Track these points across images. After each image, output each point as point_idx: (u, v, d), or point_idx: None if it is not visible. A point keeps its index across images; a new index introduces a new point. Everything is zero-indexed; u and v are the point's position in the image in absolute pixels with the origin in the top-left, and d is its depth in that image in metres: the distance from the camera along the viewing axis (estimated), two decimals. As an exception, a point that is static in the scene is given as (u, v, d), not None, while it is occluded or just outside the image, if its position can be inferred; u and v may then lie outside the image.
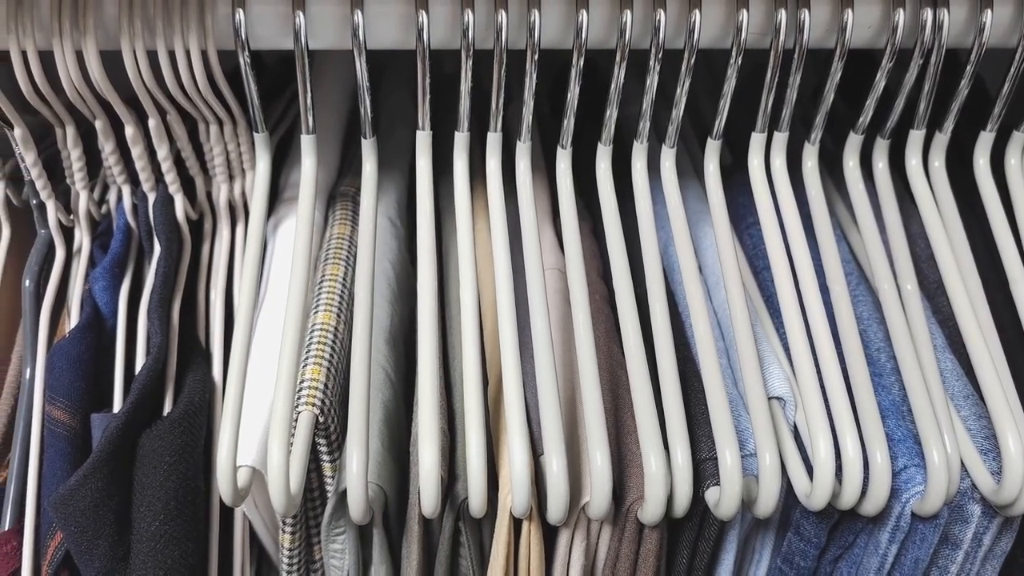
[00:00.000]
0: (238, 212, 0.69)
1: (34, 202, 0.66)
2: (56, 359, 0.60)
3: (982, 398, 0.57)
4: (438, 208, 0.69)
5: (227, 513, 0.63)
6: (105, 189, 0.69)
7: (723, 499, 0.52)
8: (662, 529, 0.55)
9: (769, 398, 0.57)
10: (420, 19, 0.54)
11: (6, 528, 0.59)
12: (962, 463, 0.55)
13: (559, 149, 0.62)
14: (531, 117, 0.60)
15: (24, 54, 0.55)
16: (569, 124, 0.60)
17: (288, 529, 0.60)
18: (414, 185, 0.77)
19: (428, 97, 0.58)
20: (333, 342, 0.59)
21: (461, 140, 0.61)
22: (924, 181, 0.64)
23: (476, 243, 0.61)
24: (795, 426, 0.58)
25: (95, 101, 0.59)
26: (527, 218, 0.60)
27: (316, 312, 0.61)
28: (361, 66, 0.56)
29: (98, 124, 0.61)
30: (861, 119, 0.63)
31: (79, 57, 0.55)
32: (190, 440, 0.58)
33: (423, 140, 0.61)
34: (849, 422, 0.54)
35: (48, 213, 0.66)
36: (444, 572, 0.56)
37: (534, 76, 0.57)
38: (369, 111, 0.59)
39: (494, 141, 0.61)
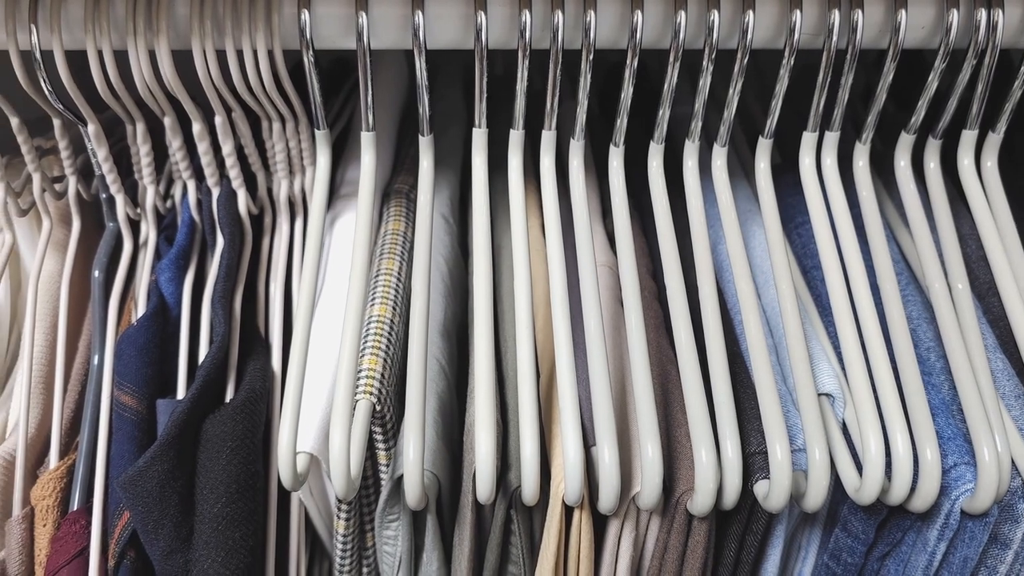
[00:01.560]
0: (297, 207, 0.71)
1: (104, 196, 0.68)
2: (124, 346, 0.62)
3: (1033, 398, 0.57)
4: (490, 204, 0.71)
5: (283, 499, 0.65)
6: (169, 184, 0.72)
7: (772, 492, 0.52)
8: (710, 522, 0.56)
9: (818, 394, 0.58)
10: (479, 19, 0.56)
11: (75, 508, 0.62)
12: (1012, 462, 0.55)
13: (611, 147, 0.63)
14: (585, 116, 0.61)
15: (100, 53, 0.57)
16: (622, 123, 0.61)
17: (343, 515, 0.62)
18: (465, 183, 0.79)
19: (486, 95, 0.59)
20: (389, 334, 0.61)
21: (516, 138, 0.62)
22: (976, 181, 0.64)
23: (529, 239, 0.62)
24: (843, 423, 0.58)
25: (165, 99, 0.61)
26: (580, 215, 0.61)
27: (372, 304, 0.62)
28: (421, 66, 0.57)
29: (167, 121, 0.63)
30: (913, 119, 0.63)
31: (151, 56, 0.58)
32: (251, 426, 0.60)
33: (479, 137, 0.62)
34: (899, 419, 0.54)
35: (117, 207, 0.68)
36: (495, 559, 0.57)
37: (588, 76, 0.58)
38: (427, 109, 0.60)
39: (548, 140, 0.62)
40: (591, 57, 0.57)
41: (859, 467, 0.54)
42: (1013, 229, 0.63)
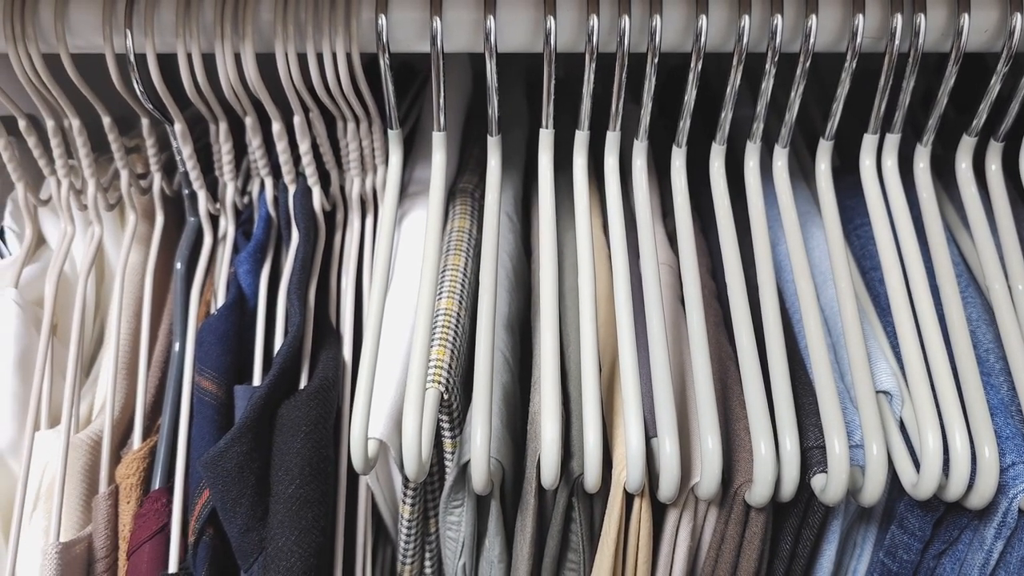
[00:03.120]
0: (368, 204, 0.73)
1: (186, 192, 0.72)
2: (205, 334, 0.66)
3: (1094, 400, 0.58)
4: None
5: (352, 484, 0.68)
6: (247, 180, 0.75)
7: (830, 485, 0.54)
8: (767, 514, 0.57)
9: (876, 392, 0.58)
10: (548, 24, 0.58)
11: (157, 487, 0.65)
12: (1072, 462, 0.56)
13: (674, 148, 0.65)
14: (648, 118, 0.63)
15: (189, 56, 0.60)
16: (685, 124, 0.63)
17: (408, 501, 0.64)
18: (527, 183, 0.81)
19: (553, 97, 0.61)
20: (455, 326, 0.63)
21: (581, 139, 0.64)
22: (1038, 184, 0.65)
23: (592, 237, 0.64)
24: (901, 421, 0.59)
25: (247, 99, 0.64)
26: (643, 214, 0.63)
27: (440, 299, 0.65)
28: (491, 68, 0.59)
29: (248, 120, 0.67)
30: (975, 122, 0.63)
31: (237, 59, 0.61)
32: (324, 412, 0.62)
33: (546, 138, 0.64)
34: (958, 416, 0.55)
35: (199, 202, 0.72)
36: (556, 544, 0.59)
37: (653, 78, 0.60)
38: (496, 111, 0.63)
39: (613, 140, 0.64)
40: (656, 60, 0.59)
41: (916, 464, 0.55)
42: (1075, 232, 0.63)
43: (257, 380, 0.67)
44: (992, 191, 0.65)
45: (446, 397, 0.59)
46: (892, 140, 0.65)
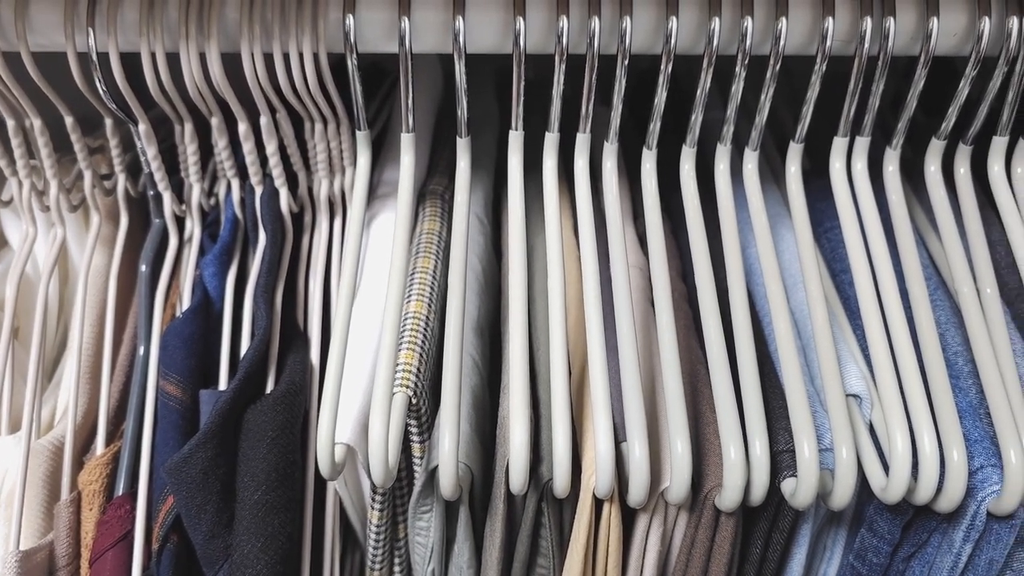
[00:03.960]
0: (336, 206, 0.73)
1: (151, 193, 0.71)
2: (170, 338, 0.65)
3: (1061, 402, 0.58)
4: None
5: (319, 489, 0.67)
6: (213, 182, 0.74)
7: (800, 489, 0.53)
8: (737, 518, 0.57)
9: (846, 395, 0.58)
10: (517, 25, 0.57)
11: (120, 493, 0.64)
12: (1039, 465, 0.56)
13: (644, 150, 0.65)
14: (618, 120, 0.63)
15: (153, 56, 0.59)
16: (655, 127, 0.63)
17: (377, 506, 0.63)
18: (497, 185, 0.81)
19: (522, 99, 0.61)
20: (424, 330, 0.62)
21: (551, 140, 0.64)
22: (1007, 187, 0.65)
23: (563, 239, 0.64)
24: (870, 424, 0.59)
25: (213, 99, 0.63)
26: (613, 216, 0.63)
27: (408, 301, 0.64)
28: (460, 70, 0.59)
29: (214, 121, 0.66)
30: (944, 125, 0.64)
31: (202, 59, 0.60)
32: (291, 417, 0.62)
33: (515, 140, 0.64)
34: (926, 420, 0.55)
35: (164, 204, 0.71)
36: (525, 550, 0.59)
37: (623, 81, 0.60)
38: (466, 112, 0.62)
39: (583, 142, 0.64)
40: (626, 62, 0.58)
41: (886, 467, 0.55)
42: (1043, 235, 0.63)
43: (223, 384, 0.66)
44: (960, 194, 0.65)
45: (414, 401, 0.59)
46: (862, 143, 0.65)
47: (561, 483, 0.54)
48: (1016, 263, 0.63)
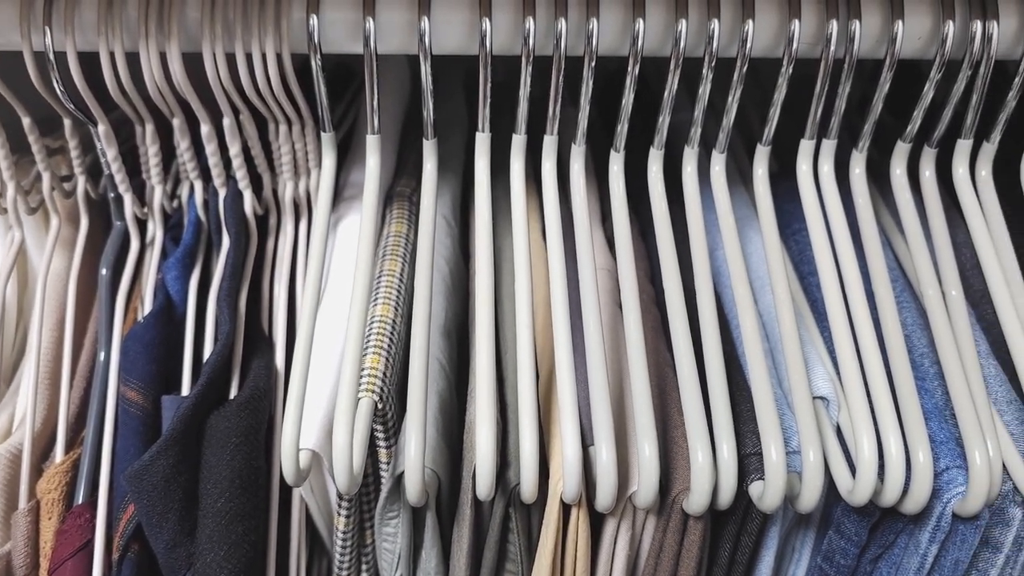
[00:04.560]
0: (301, 208, 0.72)
1: (111, 195, 0.70)
2: (130, 343, 0.63)
3: (1025, 404, 0.58)
4: (492, 207, 0.72)
5: (285, 495, 0.66)
6: (176, 184, 0.73)
7: (767, 493, 0.53)
8: (706, 521, 0.57)
9: (813, 398, 0.58)
10: (484, 26, 0.57)
11: (80, 502, 0.63)
12: (1004, 466, 0.56)
13: (612, 153, 0.64)
14: (586, 122, 0.62)
15: (112, 55, 0.58)
16: (623, 129, 0.62)
17: (343, 512, 0.63)
18: (466, 187, 0.80)
19: (489, 100, 0.60)
20: (391, 333, 0.62)
21: (518, 142, 0.64)
22: (971, 190, 0.65)
23: (530, 242, 0.63)
24: (838, 426, 0.59)
25: (174, 100, 0.62)
26: (580, 219, 0.63)
27: (375, 305, 0.63)
28: (426, 71, 0.58)
29: (176, 122, 0.65)
30: (909, 128, 0.64)
31: (162, 59, 0.59)
32: (255, 423, 0.61)
33: (482, 142, 0.63)
34: (892, 422, 0.55)
35: (125, 206, 0.69)
36: (493, 556, 0.58)
37: (590, 82, 0.59)
38: (432, 114, 0.61)
39: (550, 144, 0.63)
40: (593, 64, 0.58)
41: (853, 469, 0.55)
42: (1007, 237, 0.64)
43: (186, 390, 0.64)
44: (926, 197, 0.66)
45: (380, 406, 0.58)
46: (828, 145, 0.65)
47: (528, 488, 0.53)
48: (981, 265, 0.63)
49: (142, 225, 0.72)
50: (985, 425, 0.55)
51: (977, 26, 0.58)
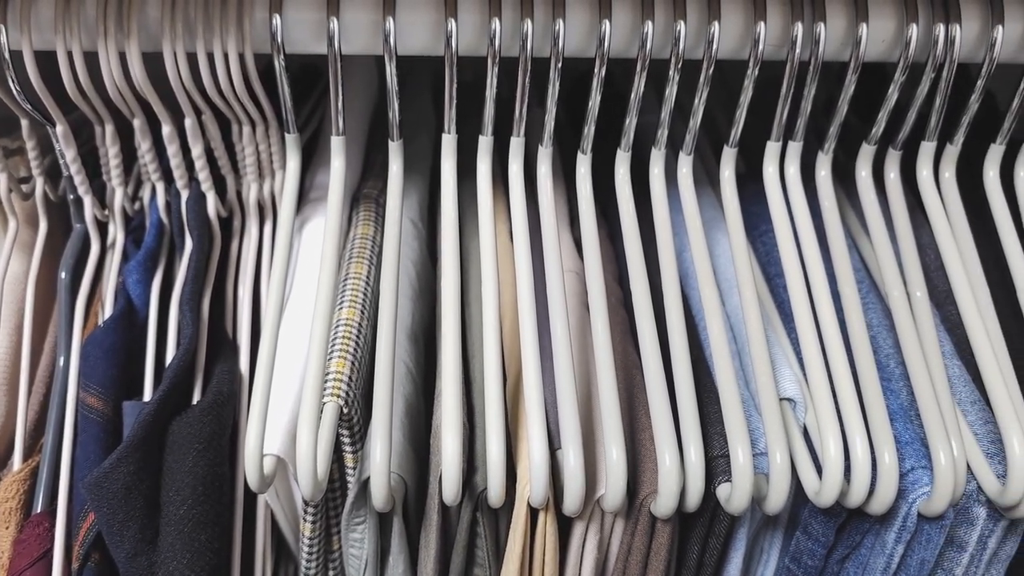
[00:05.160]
0: (266, 211, 0.71)
1: (71, 197, 0.68)
2: (90, 348, 0.62)
3: (988, 404, 0.59)
4: (459, 209, 0.71)
5: (250, 501, 0.65)
6: (138, 186, 0.71)
7: (734, 494, 0.53)
8: (674, 524, 0.57)
9: (780, 399, 0.59)
10: (449, 26, 0.56)
11: (39, 510, 0.61)
12: (968, 466, 0.57)
13: (579, 155, 0.64)
14: (553, 123, 0.62)
15: (70, 54, 0.57)
16: (590, 130, 0.62)
17: (309, 518, 0.62)
18: (434, 189, 0.79)
19: (455, 102, 0.60)
20: (357, 337, 0.61)
21: (484, 144, 0.63)
22: (935, 192, 0.66)
23: (497, 244, 0.63)
24: (804, 428, 0.60)
25: (135, 100, 0.61)
26: (547, 221, 0.62)
27: (341, 308, 0.63)
28: (391, 71, 0.58)
29: (136, 123, 0.63)
30: (874, 130, 0.64)
31: (122, 58, 0.58)
32: (218, 428, 0.60)
33: (448, 143, 0.63)
34: (858, 423, 0.55)
35: (85, 208, 0.68)
36: (461, 561, 0.58)
37: (557, 84, 0.59)
38: (397, 115, 0.61)
39: (517, 146, 0.63)
40: (559, 65, 0.58)
41: (819, 470, 0.55)
42: (970, 239, 0.64)
43: (148, 396, 0.63)
44: (891, 199, 0.66)
45: (346, 411, 0.57)
46: (794, 147, 0.65)
47: (495, 493, 0.53)
48: (945, 266, 0.64)
49: (103, 228, 0.70)
50: (949, 425, 0.56)
51: (940, 29, 0.58)
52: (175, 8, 0.57)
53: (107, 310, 0.66)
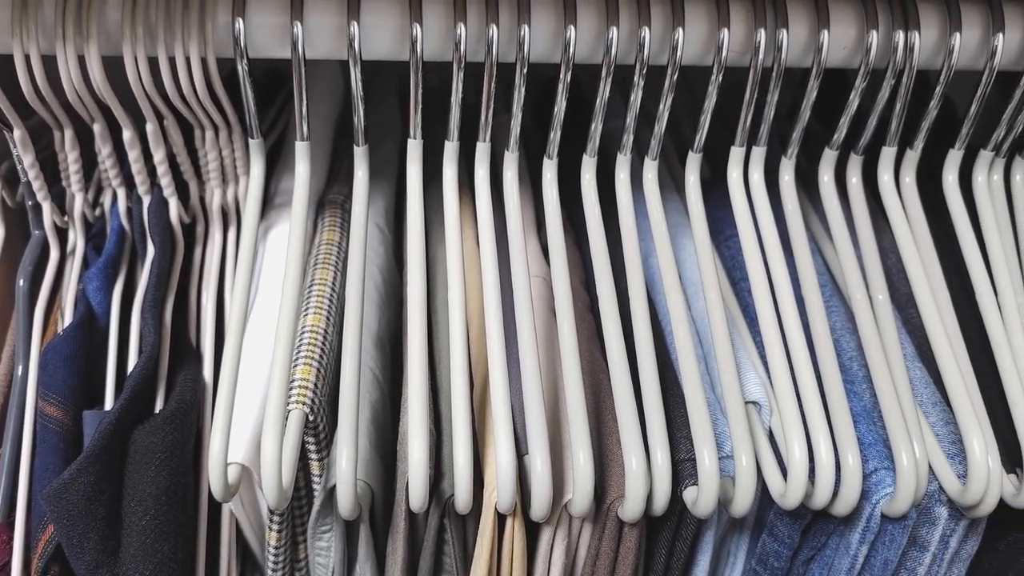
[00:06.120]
0: (230, 216, 0.70)
1: (30, 203, 0.67)
2: (50, 357, 0.61)
3: (949, 405, 0.60)
4: (425, 215, 0.71)
5: (214, 511, 0.64)
6: (99, 192, 0.70)
7: (700, 498, 0.54)
8: (641, 528, 0.57)
9: (745, 402, 0.59)
10: (414, 31, 0.56)
11: (-3, 522, 0.60)
12: (929, 466, 0.57)
13: (545, 160, 0.64)
14: (519, 129, 0.62)
15: (27, 58, 0.56)
16: (555, 136, 0.62)
17: (275, 527, 0.61)
18: (400, 194, 0.79)
19: (420, 107, 0.60)
20: (323, 344, 0.61)
21: (450, 149, 0.63)
22: (896, 196, 0.67)
23: (463, 250, 0.63)
24: (770, 430, 0.60)
25: (95, 105, 0.60)
26: (514, 226, 0.62)
27: (306, 315, 0.62)
28: (356, 76, 0.57)
29: (96, 128, 0.63)
30: (836, 136, 0.65)
31: (81, 62, 0.57)
32: (181, 437, 0.59)
33: (414, 148, 0.63)
34: (822, 426, 0.56)
35: (43, 214, 0.67)
36: (428, 568, 0.58)
37: (522, 89, 0.59)
38: (362, 120, 0.61)
39: (483, 151, 0.63)
40: (525, 70, 0.58)
41: (784, 473, 0.56)
42: (930, 243, 0.65)
43: (109, 405, 0.62)
44: (852, 203, 0.67)
45: (311, 418, 0.57)
46: (758, 153, 0.66)
47: (462, 499, 0.53)
48: (906, 269, 0.65)
49: (62, 234, 0.69)
50: (911, 427, 0.56)
51: (899, 36, 0.59)
52: (136, 11, 0.56)
53: (67, 318, 0.65)
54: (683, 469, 0.56)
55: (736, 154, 0.65)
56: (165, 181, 0.66)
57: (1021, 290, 0.64)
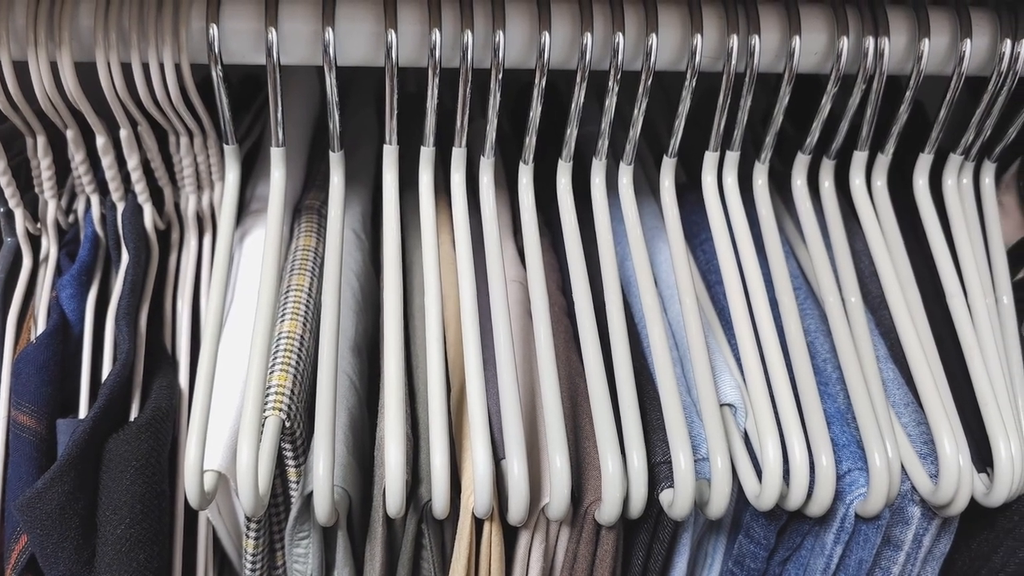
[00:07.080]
0: (205, 223, 0.70)
1: (1, 210, 0.66)
2: (22, 365, 0.60)
3: (921, 406, 0.60)
4: (402, 220, 0.71)
5: (191, 518, 0.64)
6: (72, 198, 0.70)
7: (677, 500, 0.54)
8: (618, 531, 0.57)
9: (721, 405, 0.59)
10: (389, 37, 0.56)
11: (-31, 533, 0.59)
12: (902, 466, 0.58)
13: (521, 165, 0.65)
14: (495, 134, 0.62)
15: (-2, 64, 0.56)
16: (531, 141, 0.63)
17: (252, 534, 0.61)
18: (377, 199, 0.79)
19: (396, 113, 0.60)
20: (299, 350, 0.60)
21: (427, 155, 0.63)
22: (867, 200, 0.68)
23: (440, 255, 0.63)
24: (745, 432, 0.60)
25: (67, 111, 0.60)
26: (490, 231, 0.62)
27: (283, 321, 0.62)
28: (331, 82, 0.57)
29: (69, 134, 0.62)
30: (808, 140, 0.66)
31: (53, 68, 0.56)
32: (156, 445, 0.58)
33: (390, 154, 0.63)
34: (796, 428, 0.56)
35: (16, 221, 0.66)
36: (407, 573, 0.58)
37: (498, 94, 0.59)
38: (338, 126, 0.61)
39: (459, 156, 0.63)
40: (500, 76, 0.58)
41: (760, 474, 0.56)
42: (901, 246, 0.66)
43: (83, 413, 0.62)
44: (825, 207, 0.68)
45: (288, 424, 0.57)
46: (732, 157, 0.66)
47: (440, 504, 0.53)
48: (878, 272, 0.65)
49: (35, 241, 0.68)
50: (884, 428, 0.57)
51: (870, 42, 0.60)
52: (108, 17, 0.56)
53: (40, 326, 0.64)
54: (659, 472, 0.57)
55: (710, 159, 0.66)
56: (139, 187, 0.65)
57: (991, 291, 0.65)
